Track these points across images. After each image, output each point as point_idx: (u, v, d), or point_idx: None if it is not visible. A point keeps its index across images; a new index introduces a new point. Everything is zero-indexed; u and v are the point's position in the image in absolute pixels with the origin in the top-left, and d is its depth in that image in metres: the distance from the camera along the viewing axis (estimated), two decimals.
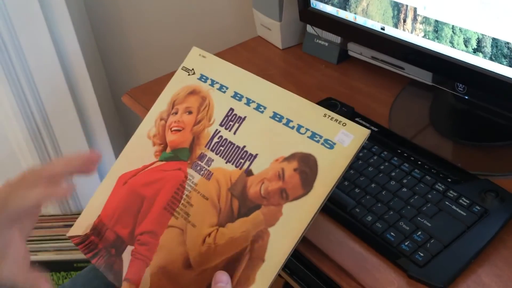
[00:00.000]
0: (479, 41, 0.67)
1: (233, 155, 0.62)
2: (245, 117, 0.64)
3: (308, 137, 0.58)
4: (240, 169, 0.61)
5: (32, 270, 0.62)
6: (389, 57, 0.86)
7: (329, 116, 0.58)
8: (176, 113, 0.69)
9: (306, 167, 0.57)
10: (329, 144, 0.57)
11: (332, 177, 0.55)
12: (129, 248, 0.65)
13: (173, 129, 0.69)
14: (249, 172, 0.60)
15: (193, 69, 0.71)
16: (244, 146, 0.62)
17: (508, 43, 0.63)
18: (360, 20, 0.82)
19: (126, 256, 0.65)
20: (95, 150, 0.64)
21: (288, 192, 0.57)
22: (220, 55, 1.03)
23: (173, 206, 0.63)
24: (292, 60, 1.04)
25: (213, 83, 0.68)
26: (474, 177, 0.68)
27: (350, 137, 0.56)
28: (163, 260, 0.61)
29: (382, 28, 0.79)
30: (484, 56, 0.67)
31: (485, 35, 0.66)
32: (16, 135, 1.33)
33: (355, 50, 0.95)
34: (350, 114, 0.81)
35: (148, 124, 0.71)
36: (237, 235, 0.58)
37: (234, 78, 0.67)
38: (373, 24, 0.80)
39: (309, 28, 1.03)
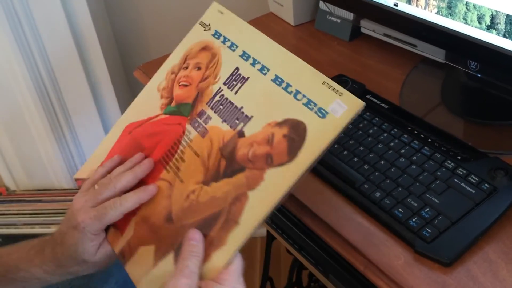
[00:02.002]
0: (492, 18, 0.66)
1: (229, 115, 0.61)
2: (248, 77, 0.62)
3: (303, 104, 0.56)
4: (234, 129, 0.60)
5: None
6: (401, 34, 0.85)
7: (328, 84, 0.56)
8: (186, 67, 0.69)
9: (295, 134, 0.55)
10: (322, 113, 0.54)
11: (317, 147, 0.53)
12: None
13: (181, 83, 0.68)
14: (241, 134, 0.59)
15: (209, 24, 0.69)
16: (242, 107, 0.61)
17: None
18: None
19: None
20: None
21: (273, 158, 0.56)
22: None
23: (167, 159, 0.64)
24: (304, 36, 1.04)
25: (225, 40, 0.67)
26: (484, 155, 0.68)
27: (343, 108, 0.53)
28: (148, 211, 0.62)
29: (395, 4, 0.78)
30: (498, 33, 0.66)
31: (499, 12, 0.65)
32: (31, 110, 1.35)
33: (368, 27, 0.94)
34: (362, 91, 0.81)
35: (159, 77, 0.71)
36: (218, 195, 0.57)
37: (245, 37, 0.66)
38: (386, 0, 0.80)
39: (321, 4, 1.02)
